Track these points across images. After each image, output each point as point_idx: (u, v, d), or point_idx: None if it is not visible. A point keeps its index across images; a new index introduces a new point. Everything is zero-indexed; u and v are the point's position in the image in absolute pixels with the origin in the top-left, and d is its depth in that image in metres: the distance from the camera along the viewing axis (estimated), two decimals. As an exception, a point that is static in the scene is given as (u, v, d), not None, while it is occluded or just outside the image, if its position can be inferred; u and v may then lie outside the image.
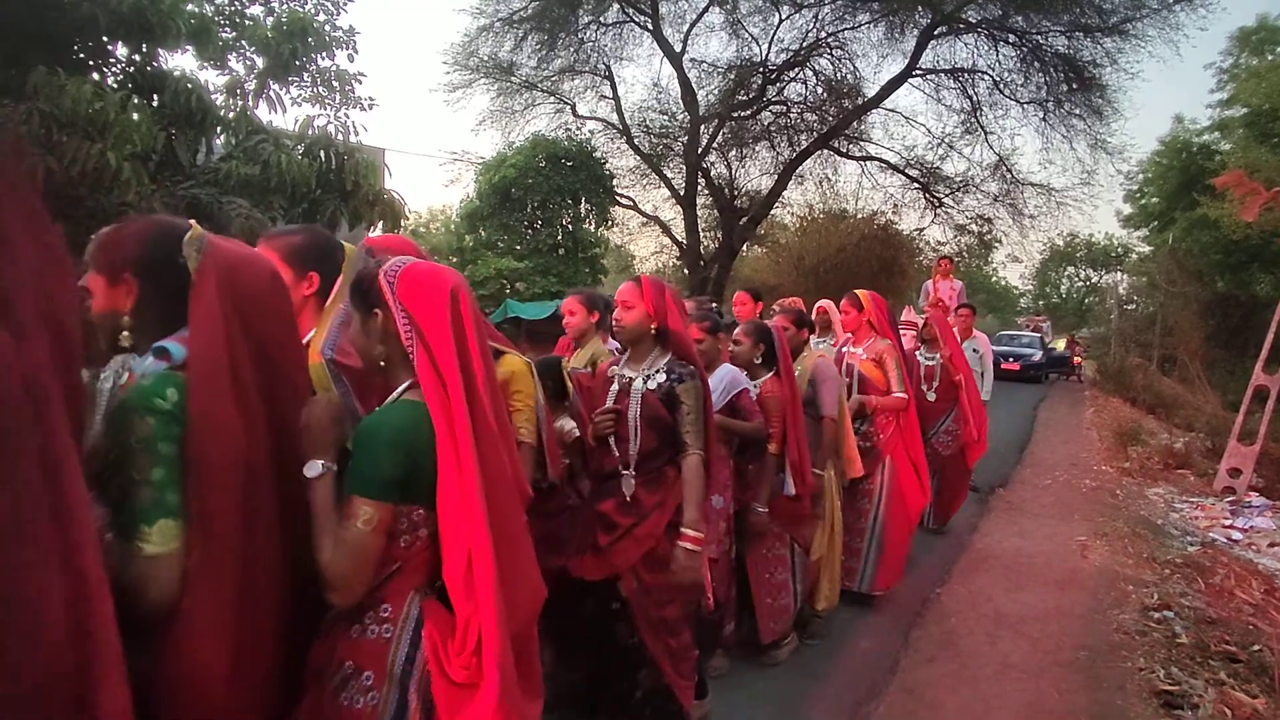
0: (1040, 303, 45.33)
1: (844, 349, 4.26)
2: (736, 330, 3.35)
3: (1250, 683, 3.34)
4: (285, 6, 9.10)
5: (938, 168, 17.97)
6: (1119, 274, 36.97)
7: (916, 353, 5.42)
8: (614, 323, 2.57)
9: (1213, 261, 19.38)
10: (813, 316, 4.68)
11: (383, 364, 1.43)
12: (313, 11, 9.07)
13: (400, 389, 1.41)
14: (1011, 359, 18.85)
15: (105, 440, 1.23)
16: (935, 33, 16.17)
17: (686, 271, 18.62)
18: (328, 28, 9.09)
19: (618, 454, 2.47)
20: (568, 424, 2.78)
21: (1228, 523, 6.65)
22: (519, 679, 1.36)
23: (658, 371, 2.45)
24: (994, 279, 40.89)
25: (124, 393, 1.25)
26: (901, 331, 6.84)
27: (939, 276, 8.40)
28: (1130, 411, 13.49)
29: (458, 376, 1.34)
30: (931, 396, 5.27)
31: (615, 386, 2.52)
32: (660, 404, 2.41)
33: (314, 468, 1.33)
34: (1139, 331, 23.99)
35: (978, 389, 5.64)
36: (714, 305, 3.68)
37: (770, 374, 3.24)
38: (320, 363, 1.56)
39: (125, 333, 1.30)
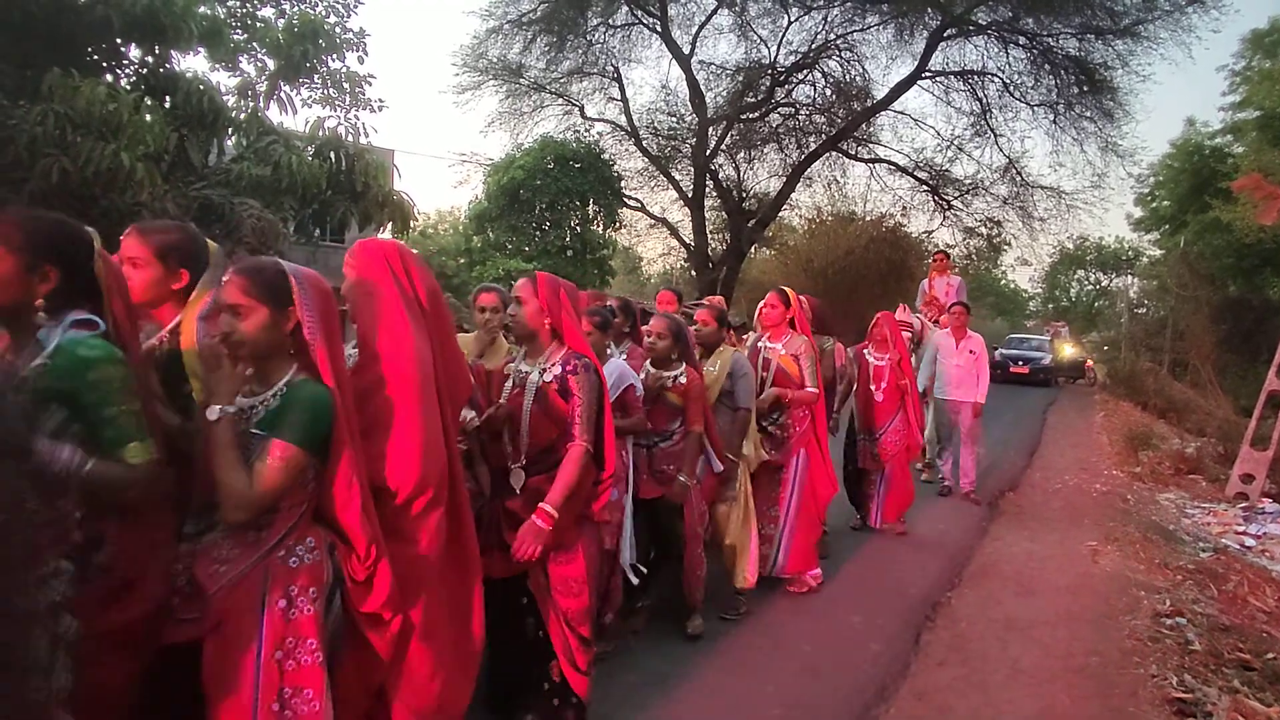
0: (1050, 306, 45.03)
1: (760, 344, 4.32)
2: (651, 322, 3.51)
3: (1265, 691, 3.30)
4: (296, 9, 9.17)
5: (947, 170, 17.94)
6: (1130, 277, 36.77)
7: (864, 352, 5.37)
8: (510, 317, 2.59)
9: (1225, 265, 19.26)
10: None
11: (291, 352, 1.70)
12: (323, 14, 9.14)
13: (291, 372, 1.70)
14: (1021, 362, 18.73)
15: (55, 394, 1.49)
16: (945, 35, 16.14)
17: (694, 273, 18.61)
18: (338, 30, 9.16)
19: (510, 448, 2.50)
20: (467, 414, 2.78)
21: (1240, 529, 6.59)
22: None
23: (554, 365, 2.47)
24: (1003, 282, 40.68)
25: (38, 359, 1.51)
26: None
27: (935, 273, 8.04)
28: (1141, 416, 13.38)
29: (342, 363, 1.75)
30: (879, 397, 5.25)
31: (510, 382, 2.55)
32: (558, 396, 2.44)
33: (213, 411, 1.62)
34: (1150, 335, 23.83)
35: (919, 393, 5.57)
36: (607, 302, 3.70)
37: (686, 365, 3.43)
38: (193, 349, 1.85)
39: (41, 313, 1.55)
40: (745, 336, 4.33)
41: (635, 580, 3.24)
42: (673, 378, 3.38)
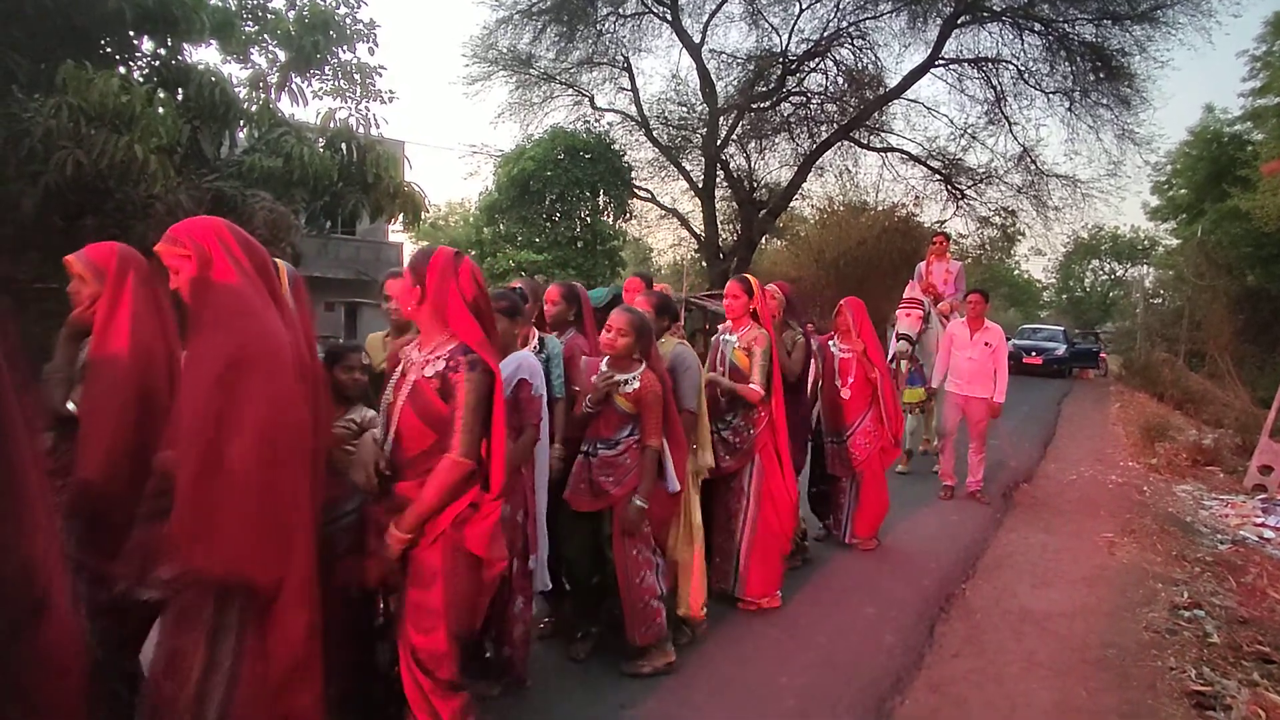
0: (1063, 296, 44.67)
1: (720, 337, 3.94)
2: (611, 316, 3.08)
3: (1284, 684, 3.27)
4: (306, 0, 9.15)
5: (960, 159, 17.81)
6: (1145, 267, 36.42)
7: (829, 343, 4.87)
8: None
9: (1243, 254, 18.97)
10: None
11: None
12: (334, 5, 9.13)
13: None
14: (1034, 353, 18.61)
15: None
16: (959, 21, 15.96)
17: (705, 264, 18.56)
18: (348, 21, 9.15)
19: (387, 449, 2.17)
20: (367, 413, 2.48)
21: (1259, 520, 6.51)
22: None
23: (439, 358, 2.13)
24: (1017, 272, 40.35)
25: None
26: (905, 311, 6.51)
27: (933, 257, 7.45)
28: (1157, 407, 13.25)
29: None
30: (846, 394, 4.74)
31: (399, 369, 2.22)
32: (436, 396, 2.10)
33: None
34: (1166, 326, 23.57)
35: (894, 388, 5.03)
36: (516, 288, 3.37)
37: (645, 367, 3.02)
38: None
39: None
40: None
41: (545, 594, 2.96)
42: (624, 381, 2.96)
